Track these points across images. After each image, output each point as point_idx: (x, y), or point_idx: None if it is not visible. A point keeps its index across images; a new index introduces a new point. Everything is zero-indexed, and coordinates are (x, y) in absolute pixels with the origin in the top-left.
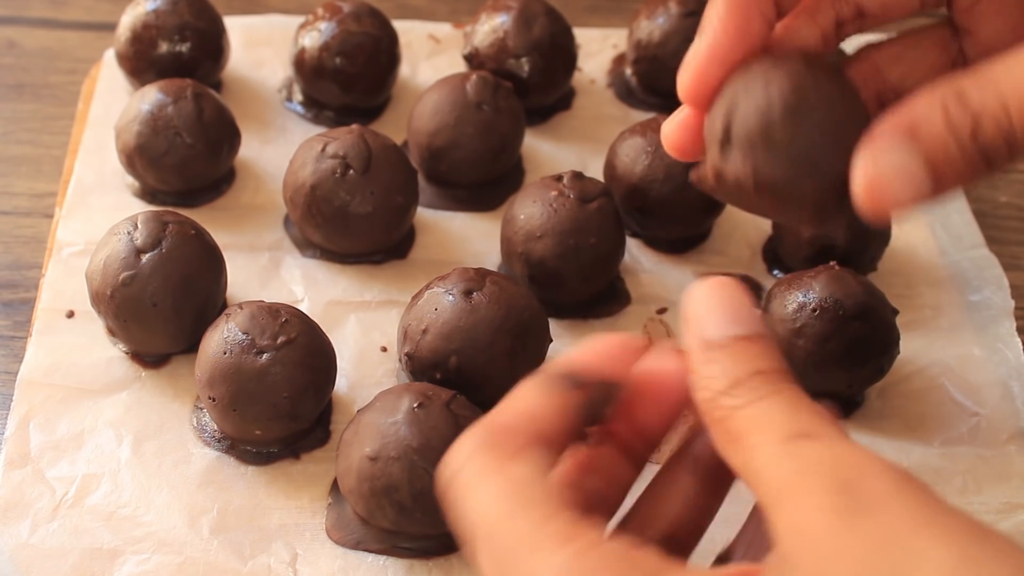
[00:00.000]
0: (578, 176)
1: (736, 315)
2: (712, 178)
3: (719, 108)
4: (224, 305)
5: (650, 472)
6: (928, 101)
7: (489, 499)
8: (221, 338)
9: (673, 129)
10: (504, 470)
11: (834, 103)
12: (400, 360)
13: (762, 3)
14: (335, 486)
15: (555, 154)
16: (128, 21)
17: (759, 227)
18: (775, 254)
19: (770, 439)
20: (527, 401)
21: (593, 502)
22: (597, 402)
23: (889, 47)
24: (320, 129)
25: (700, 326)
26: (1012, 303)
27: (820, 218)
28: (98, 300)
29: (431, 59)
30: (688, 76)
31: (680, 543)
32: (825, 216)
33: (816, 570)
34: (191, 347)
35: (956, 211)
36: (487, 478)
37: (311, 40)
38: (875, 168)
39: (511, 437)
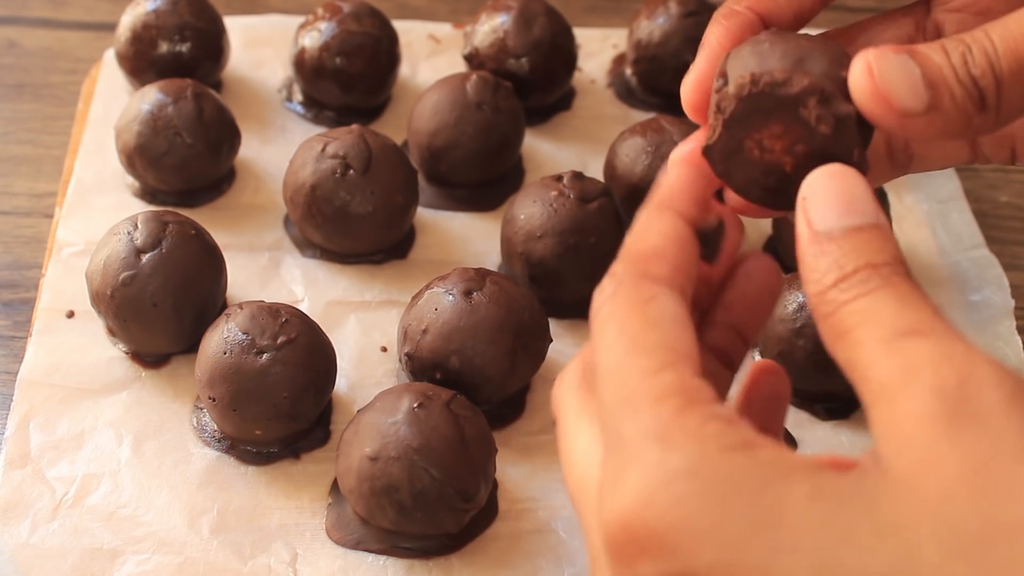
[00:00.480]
0: (578, 176)
1: (849, 204)
2: (712, 137)
3: (716, 75)
4: (224, 305)
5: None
6: (926, 43)
7: (625, 331)
8: (221, 338)
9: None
10: (645, 308)
11: (817, 39)
12: (400, 360)
13: (755, 26)
14: (335, 486)
15: (555, 154)
16: (128, 21)
17: (759, 227)
18: (775, 254)
19: (876, 335)
20: (663, 233)
21: None
22: (716, 239)
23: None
24: (320, 129)
25: (811, 216)
26: (1012, 303)
27: (825, 116)
28: (98, 300)
29: (431, 59)
30: (689, 88)
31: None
32: (828, 117)
33: (909, 478)
34: (191, 347)
35: (956, 211)
36: (632, 314)
37: (311, 40)
38: (875, 61)
39: (654, 268)
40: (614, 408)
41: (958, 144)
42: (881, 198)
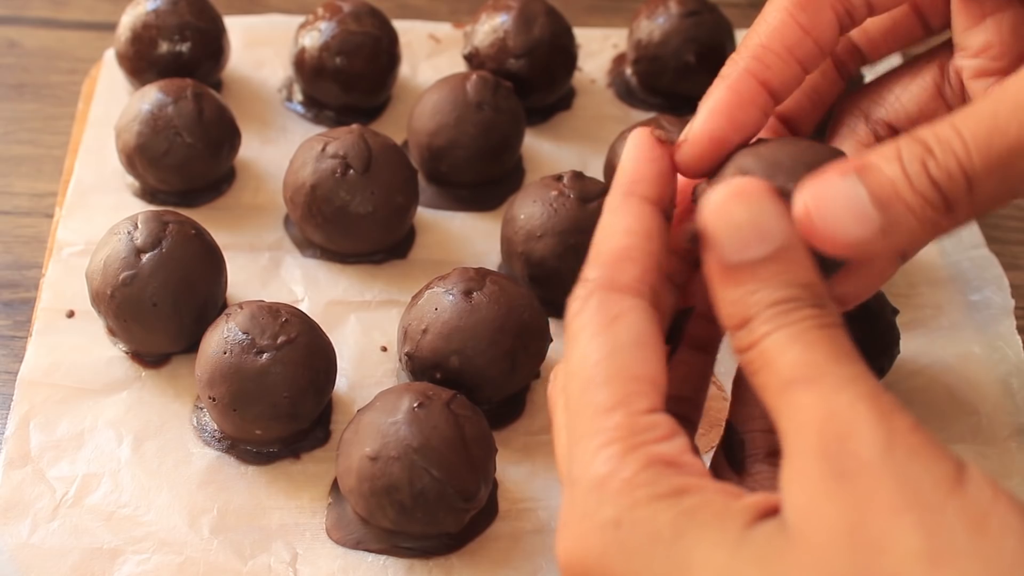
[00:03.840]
0: (578, 176)
1: (751, 234)
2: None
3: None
4: (224, 305)
5: None
6: (883, 147)
7: (585, 357)
8: (221, 338)
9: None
10: (610, 328)
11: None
12: (400, 360)
13: (757, 96)
14: (335, 486)
15: (555, 154)
16: (128, 21)
17: None
18: None
19: (773, 384)
20: (629, 228)
21: None
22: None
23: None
24: (320, 129)
25: (714, 249)
26: (1012, 303)
27: None
28: (98, 300)
29: (431, 59)
30: (689, 155)
31: (688, 404)
32: None
33: (801, 532)
34: (191, 347)
35: None
36: (596, 336)
37: (311, 40)
38: (812, 198)
39: (623, 274)
40: (572, 441)
41: None
42: None
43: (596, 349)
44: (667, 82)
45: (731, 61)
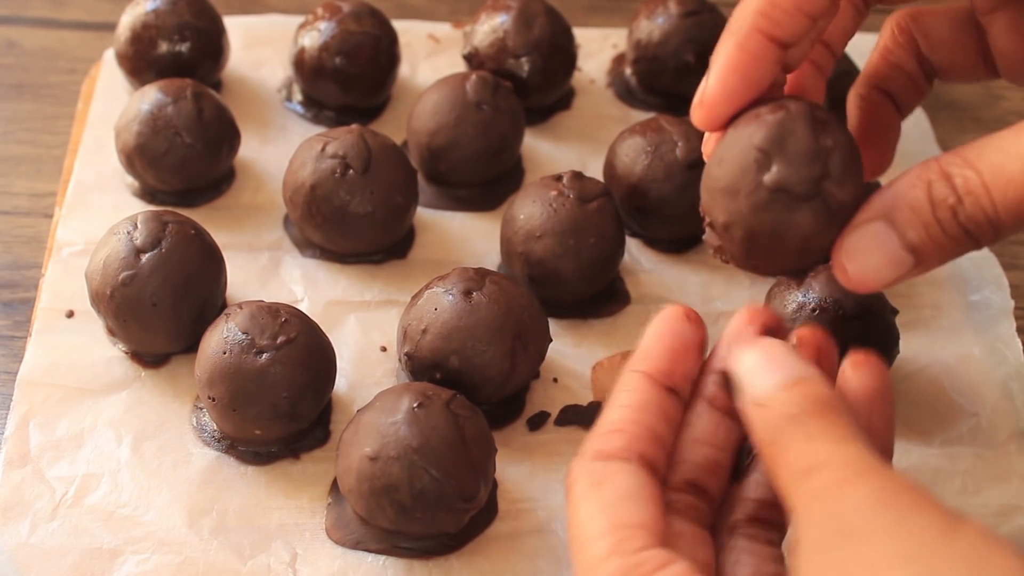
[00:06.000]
0: (578, 176)
1: (771, 366)
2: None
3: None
4: (224, 305)
5: None
6: (913, 181)
7: (579, 520)
8: (221, 338)
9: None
10: (599, 489)
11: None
12: (400, 360)
13: (767, 51)
14: (335, 486)
15: (555, 154)
16: (128, 21)
17: None
18: None
19: (784, 477)
20: (625, 402)
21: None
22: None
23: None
24: (320, 129)
25: (746, 389)
26: (1012, 303)
27: (801, 272)
28: (98, 300)
29: (431, 59)
30: (702, 114)
31: (705, 483)
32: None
33: None
34: (191, 347)
35: None
36: (585, 499)
37: (311, 40)
38: (850, 247)
39: (609, 444)
40: None
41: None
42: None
43: (587, 507)
44: (666, 82)
45: (739, 15)
